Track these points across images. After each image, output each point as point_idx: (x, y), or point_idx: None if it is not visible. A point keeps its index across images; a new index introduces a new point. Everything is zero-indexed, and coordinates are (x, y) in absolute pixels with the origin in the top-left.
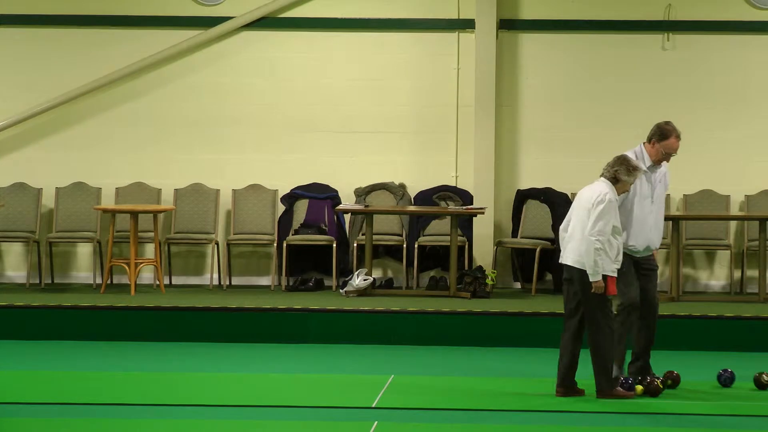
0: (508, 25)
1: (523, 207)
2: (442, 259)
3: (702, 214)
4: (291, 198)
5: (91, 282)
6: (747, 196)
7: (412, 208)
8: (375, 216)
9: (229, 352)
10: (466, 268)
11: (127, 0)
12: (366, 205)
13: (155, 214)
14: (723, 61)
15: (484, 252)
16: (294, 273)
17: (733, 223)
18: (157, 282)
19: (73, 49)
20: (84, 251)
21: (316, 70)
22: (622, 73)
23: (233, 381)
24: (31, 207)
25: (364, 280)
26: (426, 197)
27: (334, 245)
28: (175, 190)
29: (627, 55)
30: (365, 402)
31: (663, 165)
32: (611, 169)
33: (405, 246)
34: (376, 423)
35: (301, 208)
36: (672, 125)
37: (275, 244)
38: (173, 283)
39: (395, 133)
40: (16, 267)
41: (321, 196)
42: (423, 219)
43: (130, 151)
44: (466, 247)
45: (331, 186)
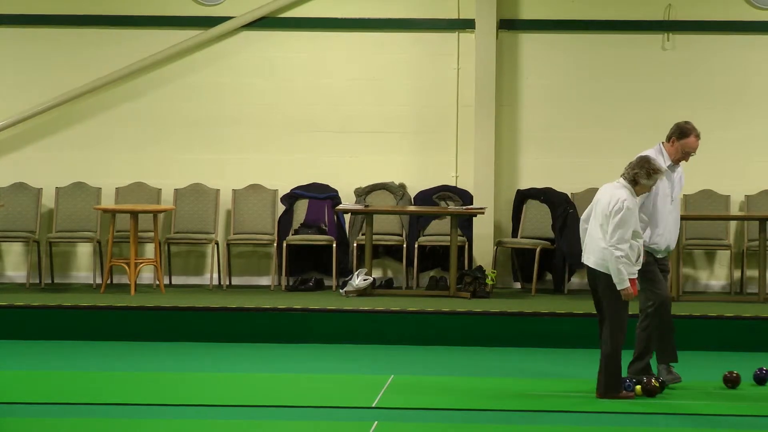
0: (508, 25)
1: (523, 207)
2: (442, 259)
3: (702, 214)
4: (291, 198)
5: (91, 282)
6: (747, 196)
7: (412, 208)
8: (375, 216)
9: (229, 352)
10: (466, 268)
11: (127, 0)
12: (366, 205)
13: (155, 214)
14: (723, 61)
15: (484, 252)
16: (294, 273)
17: (733, 223)
18: (157, 282)
19: (74, 49)
20: (84, 251)
21: (317, 70)
22: (622, 73)
23: (233, 381)
24: (31, 207)
25: (364, 280)
26: (426, 197)
27: (334, 245)
28: (175, 190)
29: (627, 55)
30: (365, 402)
31: (680, 165)
32: (631, 171)
33: (405, 246)
34: (376, 423)
35: (301, 208)
36: (691, 124)
37: (275, 244)
38: (173, 283)
39: (395, 133)
40: (16, 267)
41: (321, 196)
42: (423, 219)
43: (130, 151)
44: (466, 247)
45: (331, 186)
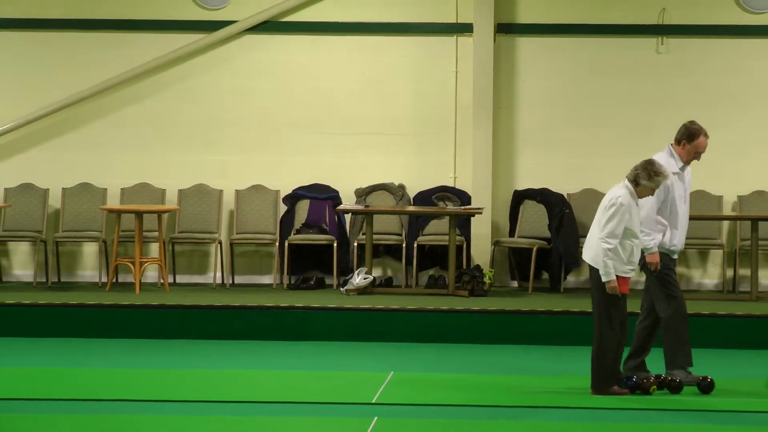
0: (506, 29)
1: (520, 207)
2: (441, 258)
3: (695, 214)
4: (293, 198)
5: (97, 280)
6: (739, 197)
7: (412, 209)
8: (375, 216)
9: (231, 349)
10: (464, 267)
11: (133, 4)
12: (366, 206)
13: (159, 214)
14: (716, 64)
15: (481, 251)
16: (295, 272)
17: (725, 223)
18: (162, 280)
19: (79, 53)
20: (90, 250)
21: (318, 72)
22: (617, 75)
23: (236, 378)
24: (38, 207)
25: (365, 278)
26: (425, 197)
27: (335, 245)
28: (179, 191)
29: (622, 58)
30: (366, 398)
31: (689, 167)
32: (633, 172)
33: (404, 245)
34: (376, 419)
35: (303, 208)
36: (698, 125)
37: (277, 244)
38: (177, 281)
39: (395, 135)
40: (24, 266)
41: (322, 196)
42: (422, 219)
43: (135, 152)
44: (464, 246)
45: (332, 186)
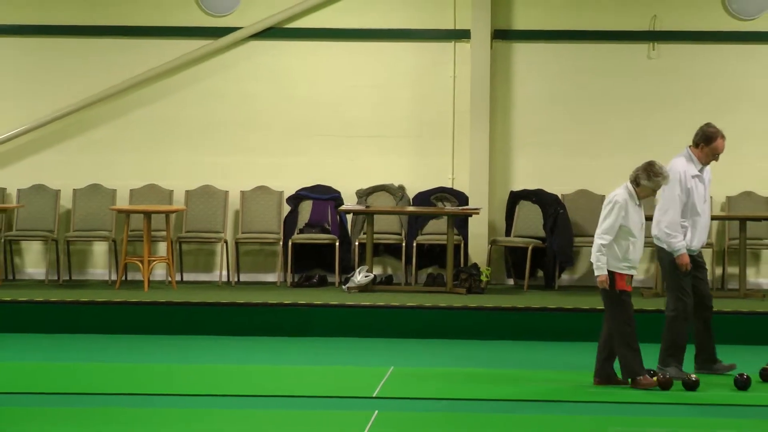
0: (502, 35)
1: (516, 207)
2: (439, 256)
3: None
4: (296, 199)
5: (107, 278)
6: (728, 197)
7: (411, 209)
8: (375, 216)
9: (237, 344)
10: (462, 266)
11: (141, 11)
12: (367, 206)
13: (167, 214)
14: (705, 69)
15: (478, 250)
16: (299, 270)
17: (715, 223)
18: (169, 278)
19: (90, 58)
20: (100, 249)
21: (320, 77)
22: (609, 80)
23: (241, 372)
24: (50, 207)
25: (366, 276)
26: (424, 198)
27: (337, 244)
28: (186, 192)
29: (615, 63)
30: (366, 392)
31: (709, 167)
32: (634, 173)
33: (404, 244)
34: (376, 412)
35: (306, 208)
36: (714, 127)
37: (281, 243)
38: (184, 279)
39: (395, 138)
40: (36, 264)
41: (324, 197)
42: (421, 219)
43: (144, 154)
44: (462, 245)
45: (334, 187)
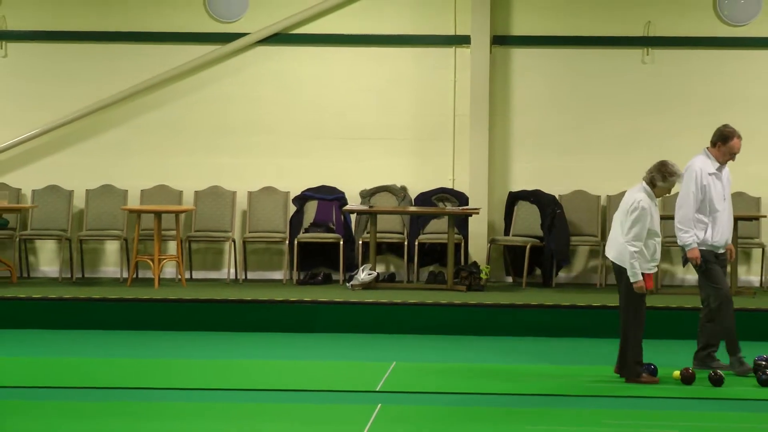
0: (501, 40)
1: (514, 207)
2: (440, 255)
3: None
4: (302, 199)
5: (119, 276)
6: None
7: (413, 209)
8: (378, 216)
9: (244, 340)
10: (462, 264)
11: (152, 18)
12: (370, 206)
13: (177, 214)
14: (697, 73)
15: (478, 249)
16: (304, 268)
17: None
18: (179, 276)
19: (102, 63)
20: (112, 248)
21: (325, 82)
22: (605, 84)
23: (248, 367)
24: (64, 207)
25: (369, 274)
26: (425, 198)
27: (341, 243)
28: (195, 192)
29: (610, 68)
30: (370, 386)
31: (727, 165)
32: (649, 174)
33: (406, 243)
34: (379, 405)
35: (311, 208)
36: (731, 127)
37: (287, 242)
38: (193, 277)
39: (397, 140)
40: (50, 262)
41: (329, 197)
42: (422, 218)
43: (154, 156)
44: (462, 244)
45: (338, 188)
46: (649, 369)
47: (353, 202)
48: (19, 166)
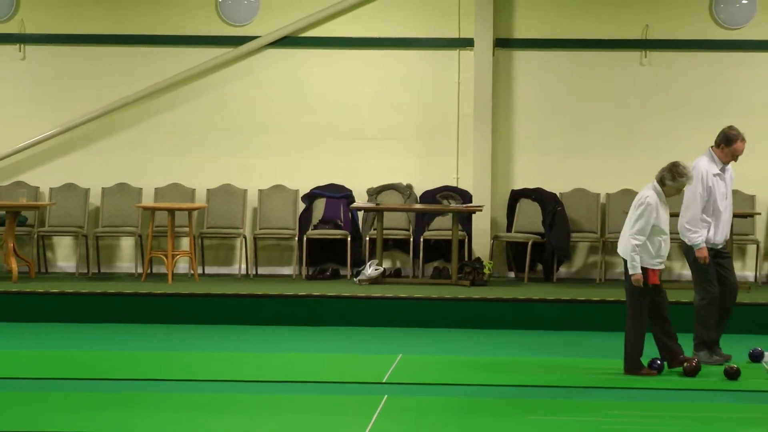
0: (504, 43)
1: (517, 205)
2: (445, 251)
3: (675, 212)
4: (310, 197)
5: (133, 271)
6: None
7: (418, 206)
8: (385, 213)
9: (254, 333)
10: (466, 259)
11: (166, 21)
12: (377, 204)
13: (190, 211)
14: (694, 75)
15: (481, 245)
16: (313, 263)
17: None
18: (192, 272)
19: (118, 65)
20: (126, 244)
21: (333, 83)
22: (604, 85)
23: (258, 359)
24: (80, 205)
25: (375, 269)
26: (430, 196)
27: (349, 239)
28: (208, 190)
29: (609, 70)
30: (376, 378)
31: (730, 165)
32: (660, 173)
33: (411, 240)
34: (386, 396)
35: (320, 206)
36: (736, 130)
37: (296, 238)
38: (206, 272)
39: (403, 140)
40: (67, 258)
41: (337, 195)
42: (428, 215)
43: (168, 155)
44: (466, 240)
45: (346, 186)
46: (654, 364)
47: (360, 200)
48: (37, 165)
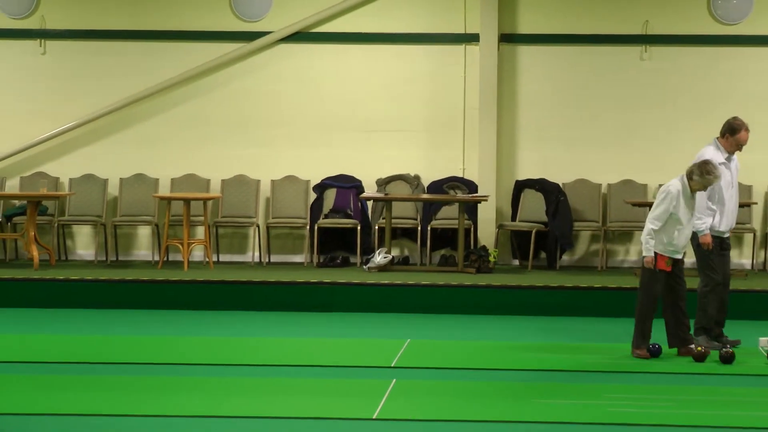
0: (508, 38)
1: (521, 195)
2: (451, 239)
3: None
4: (321, 187)
5: (150, 259)
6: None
7: (426, 196)
8: (393, 203)
9: (267, 319)
10: (472, 248)
11: (181, 17)
12: (386, 194)
13: (205, 201)
14: (693, 70)
15: (487, 233)
16: (324, 252)
17: None
18: (207, 259)
19: (135, 59)
20: (144, 233)
21: (343, 77)
22: (606, 79)
23: (271, 344)
24: (99, 195)
25: (384, 257)
26: (437, 186)
27: (359, 228)
28: (222, 181)
29: (610, 64)
30: (385, 362)
31: (735, 155)
32: (690, 168)
33: (419, 228)
34: (394, 380)
35: (330, 196)
36: (740, 120)
37: (308, 227)
38: (220, 260)
39: (411, 132)
40: (86, 246)
41: (347, 185)
42: (435, 205)
43: (184, 147)
44: (472, 229)
45: (355, 177)
46: (650, 347)
47: (370, 190)
48: (57, 156)
